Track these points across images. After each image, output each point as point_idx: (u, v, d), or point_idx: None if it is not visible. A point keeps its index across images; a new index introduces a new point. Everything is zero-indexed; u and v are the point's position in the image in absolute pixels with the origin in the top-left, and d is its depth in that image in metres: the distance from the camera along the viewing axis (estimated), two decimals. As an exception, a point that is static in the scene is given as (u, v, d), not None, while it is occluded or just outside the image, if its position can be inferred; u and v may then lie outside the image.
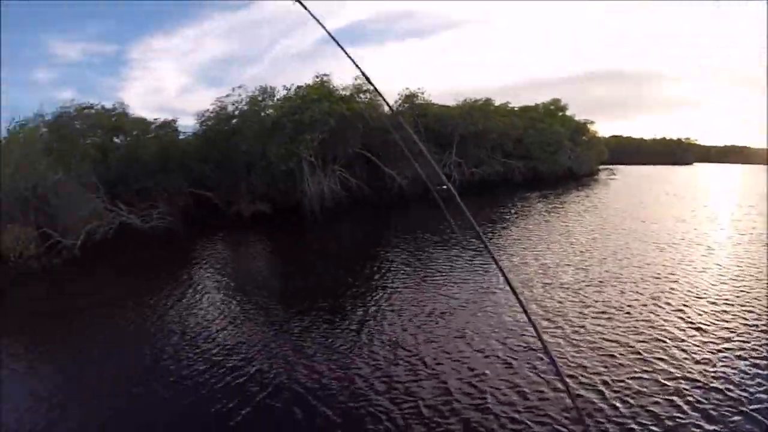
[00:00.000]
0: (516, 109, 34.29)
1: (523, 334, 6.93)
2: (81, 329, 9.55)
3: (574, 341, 6.63)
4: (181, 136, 25.30)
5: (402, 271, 11.34)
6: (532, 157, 32.61)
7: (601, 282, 9.42)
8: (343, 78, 25.35)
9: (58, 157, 24.02)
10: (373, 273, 11.43)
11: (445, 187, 1.72)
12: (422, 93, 27.64)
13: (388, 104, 2.83)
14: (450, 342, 6.94)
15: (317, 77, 25.12)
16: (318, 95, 23.57)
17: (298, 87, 24.83)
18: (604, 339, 6.68)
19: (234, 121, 24.35)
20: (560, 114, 37.96)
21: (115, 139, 26.01)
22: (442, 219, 20.97)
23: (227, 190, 23.17)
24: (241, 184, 23.04)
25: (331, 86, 24.86)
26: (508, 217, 19.64)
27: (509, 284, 1.53)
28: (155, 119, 25.63)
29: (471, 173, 28.23)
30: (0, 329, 10.89)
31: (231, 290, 11.44)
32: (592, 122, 41.52)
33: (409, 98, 27.21)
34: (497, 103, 32.07)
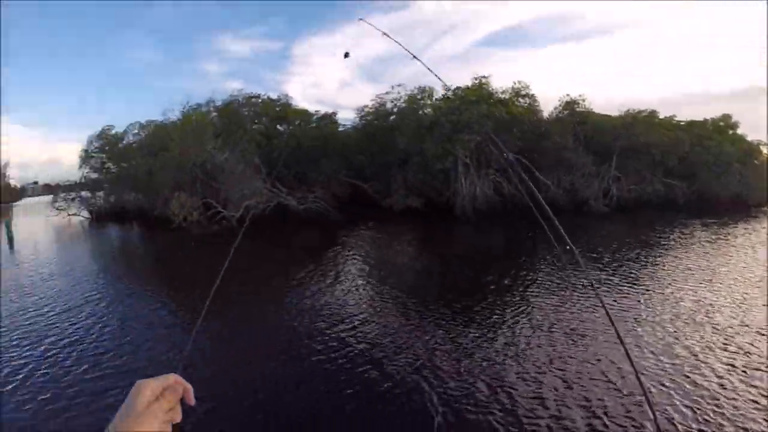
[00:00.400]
0: (682, 123, 30.56)
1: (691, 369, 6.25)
2: (230, 297, 10.14)
3: (721, 390, 5.82)
4: (340, 129, 26.60)
5: (557, 285, 10.72)
6: (696, 178, 28.77)
7: (760, 330, 7.98)
8: (501, 81, 24.66)
9: (226, 139, 26.65)
10: (525, 281, 10.96)
11: (568, 247, 1.64)
12: (583, 100, 25.88)
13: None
14: (603, 365, 6.39)
15: (476, 79, 24.66)
16: (476, 97, 23.11)
17: (457, 87, 24.58)
18: (756, 394, 5.71)
19: (392, 117, 24.86)
20: (730, 132, 33.12)
21: (279, 127, 28.18)
22: (596, 234, 18.84)
23: (382, 184, 23.69)
24: (395, 178, 23.43)
25: (490, 88, 24.21)
26: (665, 242, 17.43)
27: (614, 328, 1.45)
28: (316, 111, 27.36)
29: (629, 190, 25.64)
30: (154, 284, 12.34)
31: (377, 279, 11.53)
32: (766, 144, 35.61)
33: (570, 105, 25.60)
34: (661, 115, 28.84)
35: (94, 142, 32.79)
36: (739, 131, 33.92)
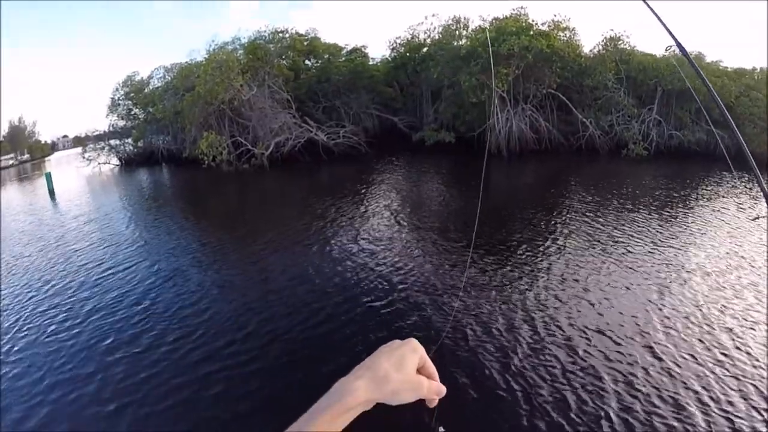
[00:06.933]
0: (729, 69, 28.94)
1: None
2: (257, 231, 10.69)
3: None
4: (371, 62, 25.85)
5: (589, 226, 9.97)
6: (739, 129, 27.42)
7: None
8: (537, 13, 23.46)
9: (253, 75, 26.13)
10: (565, 224, 10.18)
11: None
12: (627, 37, 24.56)
13: None
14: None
15: (514, 9, 23.53)
16: (516, 27, 22.02)
17: (494, 18, 23.53)
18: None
19: (425, 49, 24.00)
20: (779, 84, 31.28)
21: (307, 62, 27.52)
22: (638, 179, 16.91)
23: (412, 117, 23.09)
24: (427, 112, 22.78)
25: (530, 20, 23.08)
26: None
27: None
28: (345, 44, 26.54)
29: (669, 136, 24.54)
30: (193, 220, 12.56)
31: (406, 220, 11.15)
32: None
33: (612, 41, 24.30)
34: (708, 60, 27.27)
35: (119, 89, 32.65)
36: (788, 85, 32.03)
